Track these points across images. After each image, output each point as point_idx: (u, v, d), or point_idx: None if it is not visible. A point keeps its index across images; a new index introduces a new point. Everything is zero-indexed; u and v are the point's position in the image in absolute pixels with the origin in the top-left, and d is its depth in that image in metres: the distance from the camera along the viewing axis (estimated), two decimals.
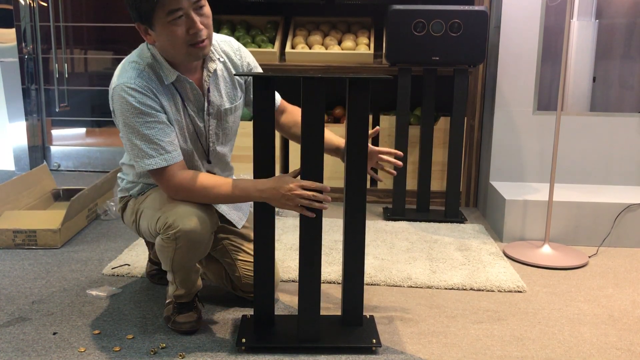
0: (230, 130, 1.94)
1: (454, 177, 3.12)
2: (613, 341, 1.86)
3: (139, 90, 1.67)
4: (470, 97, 3.30)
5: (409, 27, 2.94)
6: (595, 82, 3.33)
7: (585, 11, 3.24)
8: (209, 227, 1.74)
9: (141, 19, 1.65)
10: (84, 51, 4.16)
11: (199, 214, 1.71)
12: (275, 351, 1.73)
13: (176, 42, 1.66)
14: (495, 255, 2.58)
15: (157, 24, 1.64)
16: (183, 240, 1.69)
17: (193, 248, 1.72)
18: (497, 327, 1.93)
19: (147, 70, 1.72)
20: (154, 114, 1.69)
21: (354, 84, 1.68)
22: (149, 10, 1.61)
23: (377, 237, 2.81)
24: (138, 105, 1.67)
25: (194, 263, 1.79)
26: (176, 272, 1.78)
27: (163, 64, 1.73)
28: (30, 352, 1.71)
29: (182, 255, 1.73)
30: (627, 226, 2.76)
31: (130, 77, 1.69)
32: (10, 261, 2.43)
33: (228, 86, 1.88)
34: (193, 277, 1.82)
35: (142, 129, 1.68)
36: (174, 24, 1.63)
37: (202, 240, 1.72)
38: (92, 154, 4.18)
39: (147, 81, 1.70)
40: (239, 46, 1.93)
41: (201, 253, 1.78)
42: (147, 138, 1.69)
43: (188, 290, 1.83)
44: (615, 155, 3.12)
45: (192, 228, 1.68)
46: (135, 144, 1.70)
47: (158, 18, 1.62)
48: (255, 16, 3.69)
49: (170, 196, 1.75)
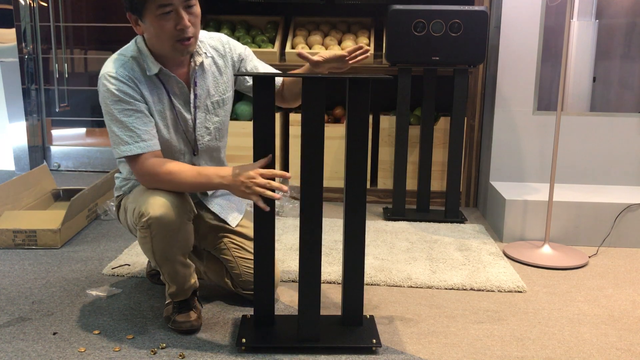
0: (221, 124, 1.96)
1: (454, 177, 3.12)
2: (613, 341, 1.86)
3: (120, 79, 1.74)
4: (470, 97, 3.30)
5: (409, 27, 2.94)
6: (595, 82, 3.33)
7: (585, 11, 3.24)
8: (179, 213, 1.74)
9: (132, 9, 1.71)
10: (84, 51, 4.16)
11: (169, 200, 1.72)
12: (276, 351, 1.73)
13: (163, 36, 1.71)
14: (495, 256, 2.58)
15: (147, 16, 1.69)
16: (155, 227, 1.71)
17: (168, 235, 1.73)
18: (497, 327, 1.94)
19: (130, 61, 1.78)
20: (133, 102, 1.75)
21: (354, 84, 1.68)
22: (141, 1, 1.66)
23: (377, 237, 2.81)
24: (117, 92, 1.73)
25: (176, 253, 1.78)
26: (162, 265, 1.79)
27: (147, 56, 1.78)
28: (30, 352, 1.71)
29: (160, 244, 1.74)
30: (627, 226, 2.76)
31: (113, 67, 1.77)
32: (10, 261, 2.43)
33: (217, 80, 1.91)
34: (181, 272, 1.81)
35: (120, 116, 1.74)
36: (163, 18, 1.68)
37: (173, 226, 1.73)
38: (92, 154, 4.18)
39: (129, 71, 1.76)
40: (228, 40, 1.97)
41: (180, 242, 1.77)
42: (124, 125, 1.75)
43: (179, 286, 1.83)
44: (615, 156, 3.12)
45: (161, 214, 1.70)
46: (113, 131, 1.76)
47: (149, 10, 1.67)
48: (255, 16, 3.69)
49: (143, 184, 1.79)
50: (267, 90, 1.66)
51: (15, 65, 3.97)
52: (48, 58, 4.06)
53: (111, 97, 1.74)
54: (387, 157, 3.40)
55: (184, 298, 1.86)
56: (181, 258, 1.81)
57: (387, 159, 3.41)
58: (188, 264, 1.85)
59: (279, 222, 2.98)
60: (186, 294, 1.86)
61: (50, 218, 2.71)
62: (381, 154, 3.41)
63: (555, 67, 3.36)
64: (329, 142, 3.32)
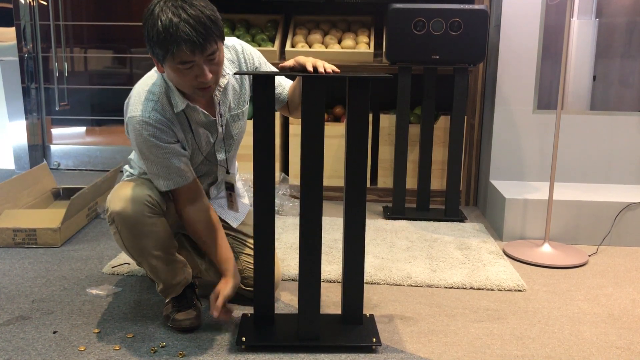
0: (236, 137, 1.96)
1: (454, 176, 3.12)
2: (613, 340, 1.86)
3: (154, 125, 1.71)
4: (470, 96, 3.30)
5: (409, 26, 2.93)
6: (595, 81, 3.33)
7: (586, 10, 3.23)
8: (139, 207, 1.74)
9: (153, 55, 1.65)
10: (83, 50, 4.16)
11: (130, 195, 1.74)
12: (276, 350, 1.73)
13: (183, 84, 1.67)
14: (495, 254, 2.58)
15: (167, 65, 1.63)
16: (118, 220, 1.74)
17: (133, 229, 1.74)
18: (497, 326, 1.94)
19: (160, 101, 1.73)
20: (170, 146, 1.74)
21: (354, 83, 1.68)
22: (162, 54, 1.60)
23: (377, 236, 2.81)
24: (153, 139, 1.71)
25: (149, 248, 1.77)
26: (140, 261, 1.82)
27: (174, 92, 1.74)
28: (30, 351, 1.71)
29: (127, 238, 1.76)
30: (627, 225, 2.76)
31: (146, 109, 1.71)
32: (10, 260, 2.43)
33: (237, 93, 1.90)
34: (161, 267, 1.81)
35: (158, 159, 1.74)
36: (183, 71, 1.62)
37: (135, 219, 1.73)
38: (92, 152, 4.18)
39: (161, 114, 1.72)
40: (242, 49, 1.90)
41: (149, 235, 1.76)
42: (162, 164, 1.75)
43: (166, 283, 1.84)
44: (615, 154, 3.12)
45: (121, 208, 1.73)
46: (150, 167, 1.78)
47: (169, 62, 1.62)
48: (255, 15, 3.69)
49: (176, 205, 1.86)
50: (267, 89, 1.66)
51: (15, 64, 3.97)
52: (48, 57, 4.05)
53: (146, 144, 1.71)
54: (387, 156, 3.40)
55: (176, 294, 1.86)
56: (158, 253, 1.79)
57: (387, 157, 3.41)
58: (171, 259, 1.83)
59: (279, 221, 2.98)
60: (176, 290, 1.86)
61: (50, 217, 2.71)
62: (381, 153, 3.41)
63: (556, 65, 3.35)
64: (329, 141, 3.32)
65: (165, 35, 1.54)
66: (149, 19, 1.58)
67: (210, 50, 1.60)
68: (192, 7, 1.55)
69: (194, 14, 1.54)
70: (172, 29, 1.53)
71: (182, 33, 1.53)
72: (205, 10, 1.57)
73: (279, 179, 3.34)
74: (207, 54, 1.60)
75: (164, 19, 1.54)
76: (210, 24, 1.57)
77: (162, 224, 1.80)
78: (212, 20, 1.58)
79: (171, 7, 1.55)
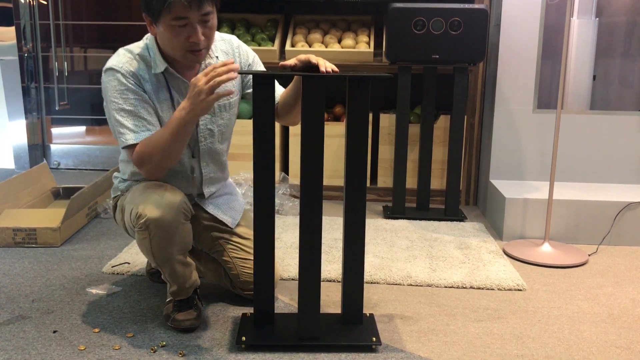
0: (225, 128, 1.95)
1: (454, 176, 3.12)
2: (613, 339, 1.86)
3: (124, 74, 1.74)
4: (470, 96, 3.30)
5: (409, 26, 2.93)
6: (595, 81, 3.33)
7: (586, 9, 3.23)
8: (176, 213, 1.74)
9: (148, 12, 1.70)
10: (83, 49, 4.16)
11: (165, 201, 1.73)
12: (275, 349, 1.73)
13: (174, 45, 1.71)
14: (495, 254, 2.58)
15: (162, 22, 1.68)
16: (153, 228, 1.71)
17: (166, 236, 1.73)
18: (497, 326, 1.94)
19: (137, 58, 1.78)
20: (138, 92, 1.75)
21: (354, 83, 1.67)
22: (158, 9, 1.65)
23: (377, 236, 2.81)
24: (120, 86, 1.74)
25: (175, 254, 1.78)
26: (161, 265, 1.80)
27: (156, 54, 1.78)
28: (30, 350, 1.71)
29: (158, 244, 1.74)
30: (627, 224, 2.76)
31: (120, 61, 1.77)
32: (10, 259, 2.43)
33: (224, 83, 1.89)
34: (180, 271, 1.81)
35: (125, 105, 1.75)
36: (177, 29, 1.67)
37: (171, 226, 1.73)
38: (92, 152, 4.18)
39: (134, 68, 1.76)
40: (239, 44, 1.96)
41: (178, 242, 1.77)
42: (130, 113, 1.75)
43: (180, 285, 1.83)
44: (615, 154, 3.11)
45: (159, 215, 1.71)
46: (118, 120, 1.76)
47: (164, 18, 1.66)
48: (255, 14, 3.69)
49: (139, 169, 1.78)
50: (267, 89, 1.66)
51: (15, 64, 3.97)
52: (48, 56, 4.05)
53: (115, 89, 1.74)
54: (387, 156, 3.40)
55: (186, 297, 1.86)
56: (180, 257, 1.80)
57: (387, 157, 3.41)
58: (188, 262, 1.85)
59: (279, 220, 2.98)
60: (188, 292, 1.86)
61: (50, 216, 2.71)
62: (381, 152, 3.41)
63: (556, 65, 3.35)
64: (329, 141, 3.32)
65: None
66: None
67: (205, 10, 1.64)
68: None
69: None
70: None
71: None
72: None
73: (279, 179, 3.34)
74: (202, 13, 1.64)
75: None
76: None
77: (190, 230, 1.82)
78: None
79: None
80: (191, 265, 1.87)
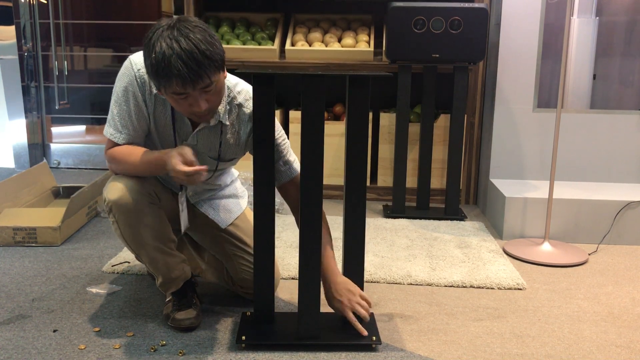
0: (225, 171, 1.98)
1: (454, 175, 3.12)
2: (613, 338, 1.86)
3: (137, 78, 1.71)
4: (470, 95, 3.30)
5: (409, 25, 2.93)
6: (596, 80, 3.33)
7: (586, 8, 3.23)
8: (137, 196, 1.73)
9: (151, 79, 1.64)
10: (83, 48, 4.15)
11: (126, 184, 1.74)
12: (275, 349, 1.73)
13: (178, 109, 1.66)
14: (495, 253, 2.58)
15: (163, 92, 1.62)
16: (115, 210, 1.73)
17: (130, 218, 1.73)
18: (497, 325, 1.94)
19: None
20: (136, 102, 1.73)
21: (354, 82, 1.67)
22: (156, 85, 1.59)
23: (377, 235, 2.81)
24: (129, 87, 1.72)
25: (147, 238, 1.77)
26: (138, 252, 1.80)
27: None
28: (31, 350, 1.72)
29: (127, 228, 1.75)
30: (627, 224, 2.76)
31: (142, 63, 1.69)
32: (10, 259, 2.43)
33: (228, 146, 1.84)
34: (160, 258, 1.80)
35: (123, 103, 1.73)
36: (178, 100, 1.61)
37: (135, 208, 1.73)
38: (92, 151, 4.18)
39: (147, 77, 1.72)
40: (246, 112, 1.83)
41: (148, 225, 1.76)
42: (124, 112, 1.74)
43: (164, 276, 1.83)
44: (615, 153, 3.11)
45: (118, 196, 1.72)
46: (112, 111, 1.76)
47: (163, 92, 1.61)
48: (255, 13, 3.68)
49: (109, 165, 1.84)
50: (267, 89, 1.66)
51: (15, 63, 3.97)
52: (48, 55, 4.05)
53: (123, 84, 1.72)
54: (387, 155, 3.40)
55: (176, 289, 1.86)
56: (157, 244, 1.79)
57: (387, 156, 3.41)
58: (170, 252, 1.83)
59: (279, 220, 2.98)
60: (177, 284, 1.86)
61: (50, 215, 2.71)
62: (381, 152, 3.41)
63: (556, 64, 3.35)
64: (329, 140, 3.32)
65: (157, 68, 1.52)
66: (147, 45, 1.56)
67: (203, 84, 1.56)
68: (187, 39, 1.51)
69: (188, 49, 1.50)
70: (164, 62, 1.51)
71: (173, 68, 1.50)
72: (200, 45, 1.52)
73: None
74: (200, 87, 1.57)
75: (157, 50, 1.51)
76: (202, 59, 1.51)
77: (159, 214, 1.80)
78: (206, 56, 1.52)
79: (166, 38, 1.52)
80: (177, 256, 1.85)
